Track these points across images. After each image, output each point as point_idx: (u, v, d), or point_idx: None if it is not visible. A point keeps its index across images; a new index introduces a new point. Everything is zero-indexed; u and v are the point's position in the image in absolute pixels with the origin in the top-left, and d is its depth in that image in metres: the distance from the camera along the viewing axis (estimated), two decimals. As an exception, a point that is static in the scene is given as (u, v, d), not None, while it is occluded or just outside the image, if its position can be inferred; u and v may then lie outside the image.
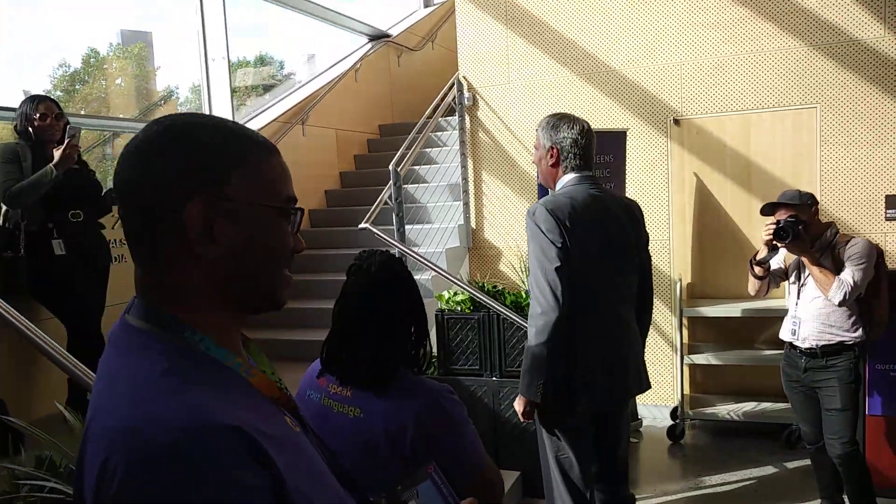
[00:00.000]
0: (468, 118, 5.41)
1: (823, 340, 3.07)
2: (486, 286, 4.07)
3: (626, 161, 4.66)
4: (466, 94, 5.37)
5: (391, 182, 4.60)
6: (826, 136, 4.48)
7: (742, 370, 4.78)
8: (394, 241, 4.31)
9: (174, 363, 0.79)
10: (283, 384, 0.93)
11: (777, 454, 4.20)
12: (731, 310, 4.52)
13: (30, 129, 3.40)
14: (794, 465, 4.04)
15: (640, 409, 4.85)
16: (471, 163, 5.44)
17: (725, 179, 4.78)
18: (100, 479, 0.73)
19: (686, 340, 4.76)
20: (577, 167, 2.53)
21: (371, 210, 4.49)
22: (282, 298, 0.92)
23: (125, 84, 8.64)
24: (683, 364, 4.60)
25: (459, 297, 3.99)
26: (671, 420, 4.65)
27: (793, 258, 3.20)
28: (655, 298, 2.85)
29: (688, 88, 4.78)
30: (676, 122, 4.83)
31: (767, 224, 3.07)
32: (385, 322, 1.60)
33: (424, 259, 4.23)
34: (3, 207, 3.39)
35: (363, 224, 4.35)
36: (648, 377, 2.69)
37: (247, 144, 0.88)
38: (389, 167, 4.60)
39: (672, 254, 4.91)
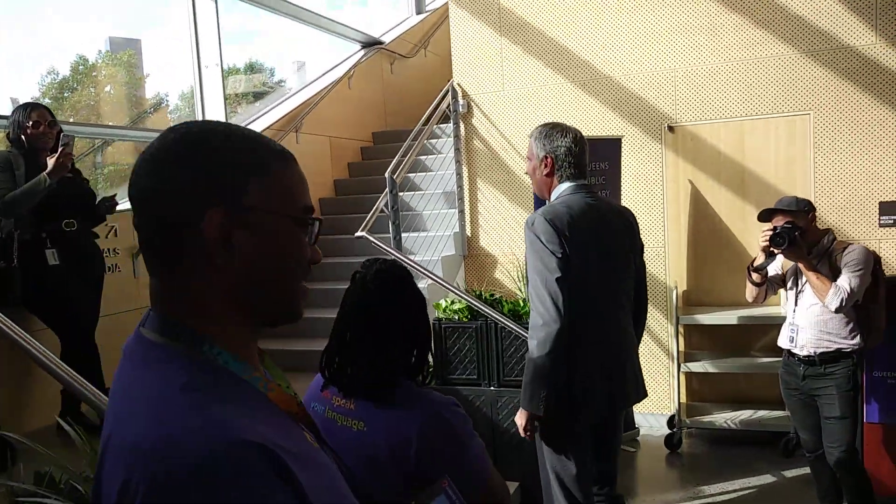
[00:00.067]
0: (462, 125, 5.41)
1: (821, 348, 3.07)
2: (484, 294, 4.05)
3: (622, 168, 4.67)
4: (461, 102, 5.36)
5: (387, 190, 4.56)
6: (820, 143, 4.51)
7: (738, 378, 4.78)
8: (390, 249, 4.28)
9: (193, 377, 0.77)
10: (300, 398, 0.91)
11: (775, 462, 4.20)
12: (727, 317, 4.52)
13: (22, 137, 3.35)
14: (793, 474, 4.04)
15: (637, 418, 4.84)
16: (465, 170, 5.43)
17: (720, 186, 4.79)
18: (121, 497, 0.70)
19: (682, 348, 4.75)
20: (573, 176, 2.54)
21: (367, 218, 4.46)
22: (300, 309, 0.90)
23: (115, 91, 8.58)
24: (680, 372, 4.60)
25: (457, 306, 3.97)
26: (668, 429, 4.64)
27: (790, 265, 3.21)
28: (651, 306, 2.86)
29: (682, 95, 4.79)
30: (671, 129, 4.84)
31: (764, 230, 3.08)
32: (383, 328, 1.58)
33: (422, 267, 4.20)
34: None
35: (360, 232, 4.32)
36: (645, 385, 2.69)
37: (264, 152, 0.86)
38: (386, 175, 4.58)
39: (667, 261, 4.92)
